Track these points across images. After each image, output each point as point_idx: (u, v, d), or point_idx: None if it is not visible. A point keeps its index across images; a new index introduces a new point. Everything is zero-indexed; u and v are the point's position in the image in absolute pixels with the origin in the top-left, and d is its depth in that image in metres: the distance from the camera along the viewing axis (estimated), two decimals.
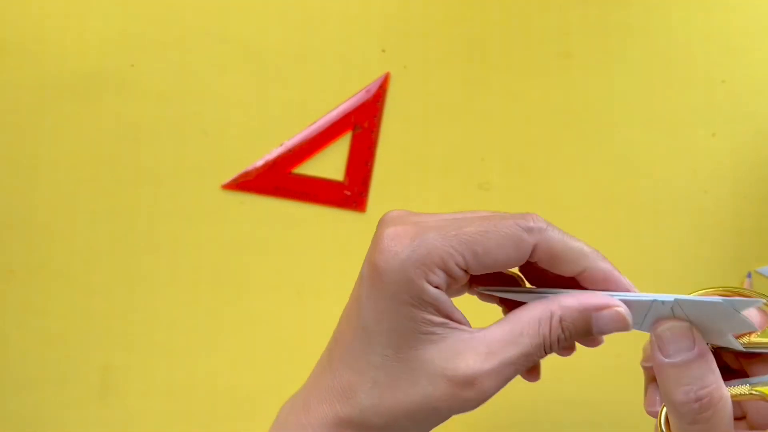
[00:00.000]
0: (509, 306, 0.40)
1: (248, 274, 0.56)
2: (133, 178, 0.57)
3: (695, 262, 0.56)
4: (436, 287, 0.34)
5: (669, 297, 0.35)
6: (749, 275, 0.55)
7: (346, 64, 0.58)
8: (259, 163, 0.57)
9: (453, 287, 0.35)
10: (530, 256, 0.35)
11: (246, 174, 0.57)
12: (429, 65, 0.58)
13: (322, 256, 0.56)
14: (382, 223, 0.35)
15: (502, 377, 0.34)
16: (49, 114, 0.57)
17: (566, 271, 0.36)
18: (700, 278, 0.56)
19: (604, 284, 0.36)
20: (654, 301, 0.35)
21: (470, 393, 0.34)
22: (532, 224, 0.35)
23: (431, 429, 0.36)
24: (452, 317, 0.35)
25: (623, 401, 0.55)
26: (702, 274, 0.56)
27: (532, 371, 0.38)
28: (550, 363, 0.55)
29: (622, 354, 0.55)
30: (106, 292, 0.56)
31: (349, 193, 0.57)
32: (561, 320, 0.34)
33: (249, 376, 0.55)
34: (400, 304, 0.34)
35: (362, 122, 0.57)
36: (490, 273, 0.36)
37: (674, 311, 0.35)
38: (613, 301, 0.35)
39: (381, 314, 0.34)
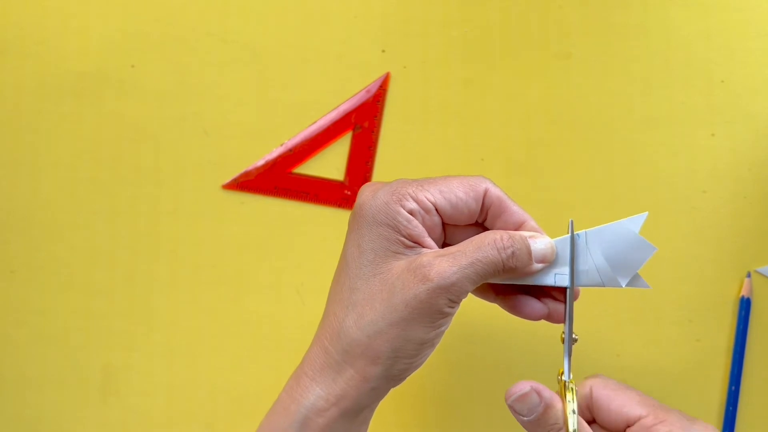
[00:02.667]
0: (506, 301, 0.44)
1: (248, 273, 0.56)
2: (134, 178, 0.57)
3: (694, 262, 0.56)
4: (410, 213, 0.40)
5: (581, 232, 0.43)
6: (749, 275, 0.55)
7: (346, 65, 0.58)
8: (260, 162, 0.57)
9: (426, 221, 0.41)
10: (483, 201, 0.41)
11: (246, 174, 0.57)
12: (429, 65, 0.58)
13: (322, 256, 0.56)
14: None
15: (458, 265, 0.39)
16: (50, 114, 0.57)
17: (510, 220, 0.42)
18: (699, 278, 0.56)
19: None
20: (568, 237, 0.43)
21: (432, 279, 0.38)
22: (478, 174, 0.42)
23: (415, 339, 0.39)
24: (423, 243, 0.40)
25: None
26: (701, 274, 0.56)
27: (523, 307, 0.44)
28: (549, 364, 0.55)
29: (621, 353, 0.56)
30: (106, 292, 0.56)
31: (349, 193, 0.57)
32: (510, 237, 0.40)
33: (249, 375, 0.55)
34: (378, 225, 0.40)
35: (362, 122, 0.57)
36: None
37: (588, 244, 0.43)
38: (547, 238, 0.42)
39: (361, 239, 0.40)
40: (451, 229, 0.43)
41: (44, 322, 0.56)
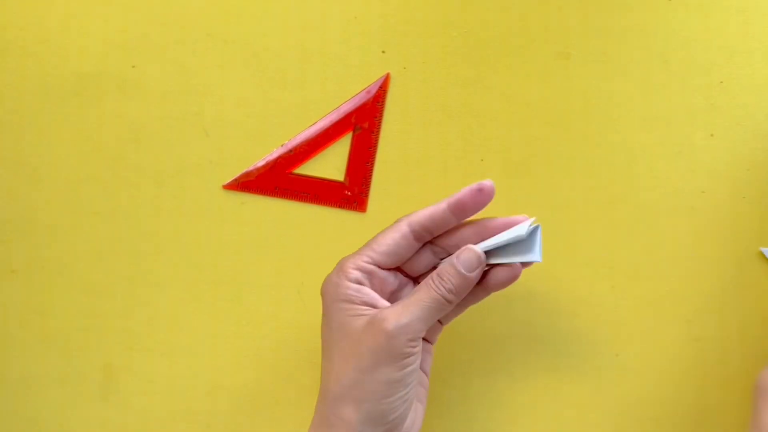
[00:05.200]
0: (489, 285, 0.50)
1: (249, 273, 0.56)
2: (135, 178, 0.57)
3: (693, 262, 0.56)
4: (357, 283, 0.47)
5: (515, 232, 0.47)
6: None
7: (347, 65, 0.58)
8: (260, 163, 0.57)
9: (375, 279, 0.48)
10: (414, 235, 0.48)
11: (247, 174, 0.57)
12: (428, 66, 0.58)
13: (322, 256, 0.56)
14: None
15: (408, 309, 0.45)
16: (51, 114, 0.57)
17: (445, 223, 0.48)
18: (698, 278, 0.56)
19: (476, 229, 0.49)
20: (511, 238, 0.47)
21: (389, 326, 0.45)
22: (402, 216, 0.48)
23: (386, 380, 0.45)
24: (376, 305, 0.47)
25: (621, 397, 0.55)
26: (699, 273, 0.56)
27: (498, 278, 0.49)
28: (549, 362, 0.55)
29: (620, 353, 0.56)
30: (107, 291, 0.56)
31: (349, 193, 0.57)
32: (438, 275, 0.47)
33: (250, 375, 0.55)
34: (336, 302, 0.46)
35: (362, 123, 0.57)
36: None
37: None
38: (469, 247, 0.47)
39: (329, 319, 0.47)
40: (407, 264, 0.49)
41: (45, 321, 0.56)
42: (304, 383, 0.55)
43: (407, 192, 0.57)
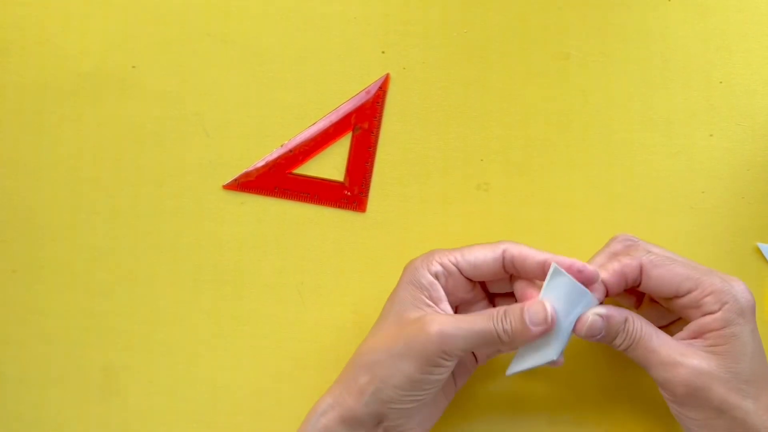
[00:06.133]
0: None
1: (249, 273, 0.56)
2: (135, 178, 0.57)
3: None
4: (434, 276, 0.48)
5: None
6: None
7: (346, 65, 0.58)
8: (260, 163, 0.57)
9: (451, 280, 0.49)
10: (505, 262, 0.49)
11: (247, 174, 0.57)
12: (428, 66, 0.58)
13: (322, 256, 0.56)
14: None
15: (457, 325, 0.46)
16: (51, 114, 0.57)
17: (531, 271, 0.48)
18: None
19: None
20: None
21: (432, 328, 0.46)
22: (502, 240, 0.50)
23: (405, 372, 0.46)
24: (440, 305, 0.48)
25: (623, 391, 0.55)
26: None
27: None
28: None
29: (621, 353, 0.56)
30: (107, 291, 0.56)
31: (349, 194, 0.57)
32: (505, 312, 0.47)
33: (250, 374, 0.55)
34: (409, 284, 0.49)
35: (362, 123, 0.57)
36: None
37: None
38: (544, 303, 0.47)
39: (396, 294, 0.49)
40: (490, 284, 0.52)
41: (45, 321, 0.56)
42: (304, 383, 0.55)
43: (407, 192, 0.57)
